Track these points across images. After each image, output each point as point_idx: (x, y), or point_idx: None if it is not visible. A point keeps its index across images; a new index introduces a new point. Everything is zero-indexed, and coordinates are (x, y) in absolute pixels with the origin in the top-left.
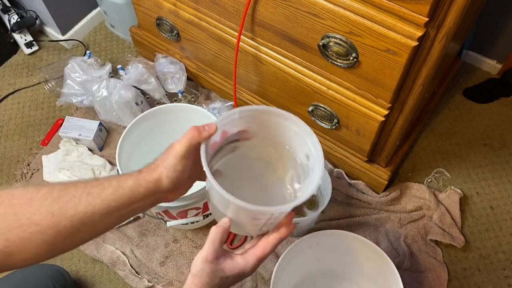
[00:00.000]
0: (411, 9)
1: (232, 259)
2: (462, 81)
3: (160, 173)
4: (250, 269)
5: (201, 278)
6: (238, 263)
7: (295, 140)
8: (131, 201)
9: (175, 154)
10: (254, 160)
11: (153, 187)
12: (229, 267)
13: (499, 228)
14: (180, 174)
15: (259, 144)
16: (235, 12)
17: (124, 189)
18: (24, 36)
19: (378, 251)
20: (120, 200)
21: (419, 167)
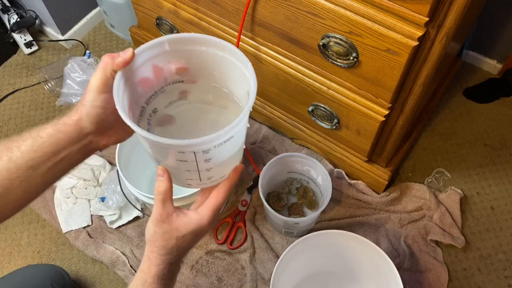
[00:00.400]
0: (411, 9)
1: (186, 215)
2: (462, 81)
3: (80, 113)
4: (207, 222)
5: (156, 242)
6: (192, 218)
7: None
8: (54, 150)
9: (91, 88)
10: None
11: (74, 130)
12: (183, 224)
13: (500, 228)
14: (101, 111)
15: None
16: (235, 12)
17: (43, 138)
18: (24, 36)
19: (378, 251)
20: (40, 150)
21: (419, 167)
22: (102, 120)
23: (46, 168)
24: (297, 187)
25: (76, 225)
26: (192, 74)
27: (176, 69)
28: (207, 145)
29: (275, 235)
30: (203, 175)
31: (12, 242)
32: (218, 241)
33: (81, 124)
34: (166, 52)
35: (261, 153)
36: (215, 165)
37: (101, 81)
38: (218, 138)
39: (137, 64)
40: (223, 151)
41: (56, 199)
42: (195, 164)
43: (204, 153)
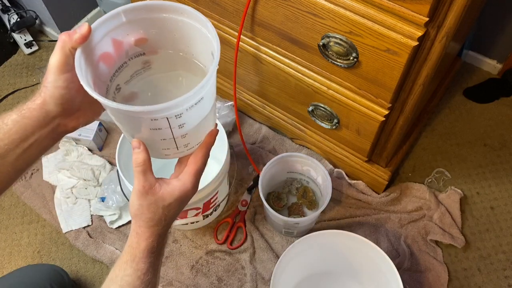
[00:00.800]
0: (411, 9)
1: (169, 183)
2: (462, 81)
3: (44, 95)
4: (191, 186)
5: (142, 215)
6: (176, 185)
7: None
8: (22, 137)
9: (51, 69)
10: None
11: (39, 114)
12: (168, 193)
13: (500, 228)
14: (64, 92)
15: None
16: (235, 12)
17: (8, 126)
18: (24, 36)
19: (378, 251)
20: (7, 138)
21: (419, 167)
22: (67, 100)
23: (16, 155)
24: (297, 187)
25: (76, 225)
26: (153, 44)
27: (135, 41)
28: (179, 108)
29: (275, 235)
30: (179, 143)
31: (12, 242)
32: (218, 241)
33: (46, 107)
34: (123, 24)
35: (261, 153)
36: (190, 130)
37: (61, 61)
38: (189, 100)
39: (95, 40)
40: (195, 114)
41: (56, 199)
42: (170, 131)
43: (177, 117)
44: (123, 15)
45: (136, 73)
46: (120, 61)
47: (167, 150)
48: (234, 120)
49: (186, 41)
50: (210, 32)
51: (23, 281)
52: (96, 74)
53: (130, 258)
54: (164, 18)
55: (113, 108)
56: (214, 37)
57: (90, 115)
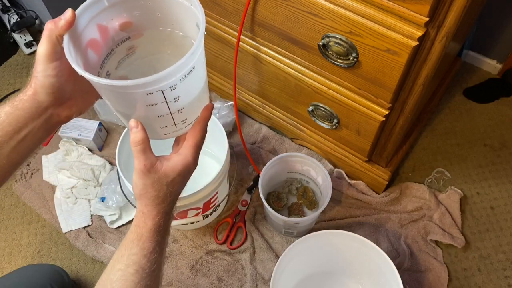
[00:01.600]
0: (411, 9)
1: (169, 159)
2: (462, 81)
3: (34, 86)
4: (192, 159)
5: (147, 194)
6: (177, 160)
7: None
8: (15, 128)
9: (40, 58)
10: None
11: (32, 105)
12: (170, 168)
13: (500, 228)
14: (55, 80)
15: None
16: (235, 12)
17: (1, 117)
18: (24, 36)
19: (378, 251)
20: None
21: (419, 167)
22: (58, 89)
23: (10, 148)
24: (297, 187)
25: (76, 225)
26: (137, 26)
27: (119, 25)
28: (172, 78)
29: (275, 235)
30: (176, 119)
31: (12, 242)
32: (218, 241)
33: (37, 97)
34: (106, 8)
35: (261, 153)
36: (186, 104)
37: (49, 49)
38: (181, 68)
39: (81, 26)
40: (190, 84)
41: (56, 199)
42: (166, 106)
43: (171, 89)
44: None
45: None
46: (108, 48)
47: (165, 129)
48: (234, 120)
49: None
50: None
51: (24, 281)
52: (86, 61)
53: (137, 237)
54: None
55: (106, 86)
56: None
57: (83, 104)
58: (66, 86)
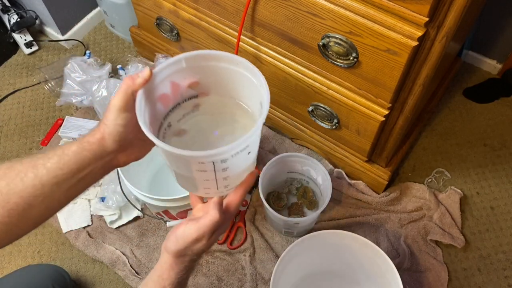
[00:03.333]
0: (411, 9)
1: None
2: (462, 81)
3: (102, 131)
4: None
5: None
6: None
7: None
8: (79, 167)
9: (113, 108)
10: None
11: (98, 148)
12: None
13: (499, 228)
14: (123, 130)
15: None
16: (235, 12)
17: (68, 156)
18: (24, 36)
19: (378, 251)
20: (66, 168)
21: (419, 167)
22: (124, 138)
23: (70, 184)
24: (297, 187)
25: (76, 225)
26: (205, 87)
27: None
28: (225, 154)
29: (275, 235)
30: (220, 184)
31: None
32: (218, 241)
33: (104, 143)
34: (182, 69)
35: (261, 153)
36: (232, 174)
37: (123, 102)
38: (236, 148)
39: (156, 82)
40: (240, 160)
41: None
42: (213, 174)
43: (222, 162)
44: (184, 61)
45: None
46: (175, 102)
47: (208, 190)
48: None
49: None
50: (262, 85)
51: (25, 281)
52: (153, 113)
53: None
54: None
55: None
56: (265, 90)
57: (141, 151)
58: (130, 135)
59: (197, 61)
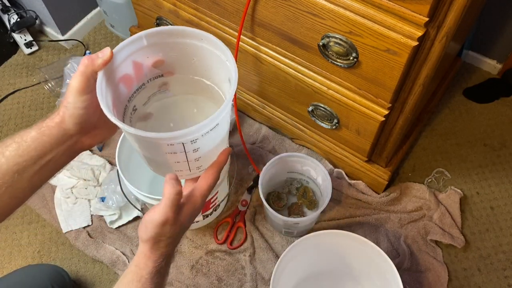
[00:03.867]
0: (411, 9)
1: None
2: (462, 81)
3: (62, 115)
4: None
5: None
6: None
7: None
8: (39, 153)
9: (71, 90)
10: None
11: (58, 132)
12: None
13: (499, 228)
14: (83, 112)
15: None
16: (235, 12)
17: (27, 142)
18: (24, 36)
19: (378, 251)
20: (26, 154)
21: (419, 167)
22: (85, 120)
23: (33, 172)
24: (297, 187)
25: (76, 225)
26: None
27: (153, 62)
28: (195, 134)
29: (275, 235)
30: (192, 165)
31: (12, 242)
32: (218, 241)
33: (64, 126)
34: (144, 47)
35: (261, 153)
36: (203, 154)
37: (82, 83)
38: (205, 127)
39: (117, 62)
40: (210, 139)
41: (56, 199)
42: (184, 155)
43: (192, 143)
44: (144, 39)
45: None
46: (139, 82)
47: (180, 172)
48: (234, 120)
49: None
50: (229, 60)
51: (25, 281)
52: (116, 95)
53: (136, 278)
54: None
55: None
56: (232, 65)
57: (106, 133)
58: (93, 117)
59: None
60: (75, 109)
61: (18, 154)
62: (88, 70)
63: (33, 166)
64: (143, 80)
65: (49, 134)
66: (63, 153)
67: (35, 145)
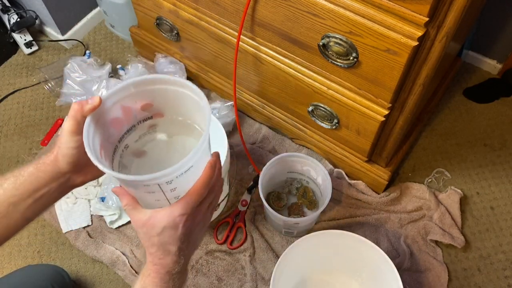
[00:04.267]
0: (411, 9)
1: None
2: (462, 81)
3: (56, 154)
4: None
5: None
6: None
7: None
8: (35, 188)
9: (64, 132)
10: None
11: (52, 169)
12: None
13: (499, 228)
14: (75, 152)
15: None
16: (235, 12)
17: (24, 177)
18: (24, 36)
19: (378, 251)
20: (22, 188)
21: (419, 167)
22: (77, 159)
23: (27, 205)
24: (297, 187)
25: (76, 225)
26: (158, 108)
27: (142, 106)
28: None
29: (275, 235)
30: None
31: (12, 242)
32: (218, 241)
33: (58, 164)
34: (132, 94)
35: (261, 153)
36: (182, 192)
37: (73, 126)
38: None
39: (106, 107)
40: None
41: None
42: (162, 194)
43: (168, 184)
44: (132, 87)
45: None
46: (129, 125)
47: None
48: (234, 120)
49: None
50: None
51: (25, 281)
52: (105, 137)
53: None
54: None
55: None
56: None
57: (97, 172)
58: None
59: (146, 85)
60: (68, 149)
61: (15, 187)
62: (77, 114)
63: (28, 199)
64: (133, 122)
65: (44, 171)
66: (55, 189)
67: (31, 179)
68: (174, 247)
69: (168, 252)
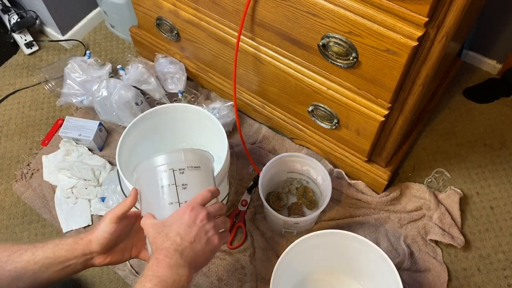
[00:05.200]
0: (411, 9)
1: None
2: (462, 81)
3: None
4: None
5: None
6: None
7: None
8: (68, 257)
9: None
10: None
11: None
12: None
13: (499, 228)
14: (108, 236)
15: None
16: (235, 12)
17: (63, 245)
18: (24, 36)
19: (378, 251)
20: (58, 253)
21: (419, 167)
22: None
23: (56, 269)
24: (297, 187)
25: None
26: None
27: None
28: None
29: (275, 235)
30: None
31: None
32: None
33: (91, 243)
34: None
35: (261, 153)
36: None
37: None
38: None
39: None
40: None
41: (56, 199)
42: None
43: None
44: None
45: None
46: None
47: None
48: (234, 120)
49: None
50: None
51: None
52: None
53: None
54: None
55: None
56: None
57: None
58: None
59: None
60: (103, 233)
61: (52, 251)
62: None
63: (58, 265)
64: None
65: (79, 245)
66: (81, 262)
67: (67, 249)
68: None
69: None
